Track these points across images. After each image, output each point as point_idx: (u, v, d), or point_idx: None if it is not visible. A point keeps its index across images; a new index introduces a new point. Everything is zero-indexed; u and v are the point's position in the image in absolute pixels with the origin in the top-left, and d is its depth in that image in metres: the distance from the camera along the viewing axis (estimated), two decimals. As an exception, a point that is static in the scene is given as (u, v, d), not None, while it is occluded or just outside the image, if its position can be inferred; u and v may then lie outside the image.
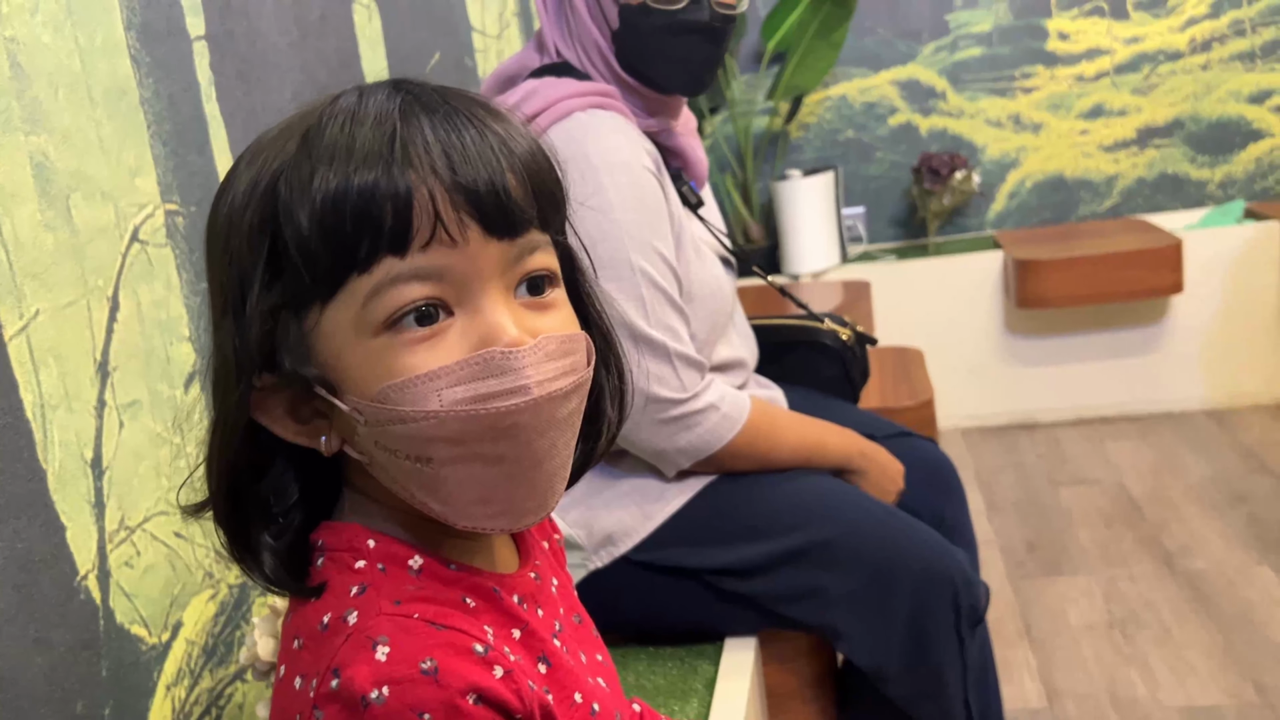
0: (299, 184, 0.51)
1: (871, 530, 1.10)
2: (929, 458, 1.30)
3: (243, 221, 0.53)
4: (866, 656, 1.09)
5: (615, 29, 1.13)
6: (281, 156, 0.53)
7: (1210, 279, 2.71)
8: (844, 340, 1.40)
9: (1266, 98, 2.84)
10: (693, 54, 1.13)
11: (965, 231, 3.04)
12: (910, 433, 1.35)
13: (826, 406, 1.32)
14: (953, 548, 1.12)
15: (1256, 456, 2.47)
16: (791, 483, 1.15)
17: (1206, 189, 2.92)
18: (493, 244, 0.53)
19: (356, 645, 0.50)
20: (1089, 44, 2.89)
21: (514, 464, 0.53)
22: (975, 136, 2.98)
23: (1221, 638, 1.80)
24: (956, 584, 1.08)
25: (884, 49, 2.97)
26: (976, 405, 2.88)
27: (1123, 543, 2.17)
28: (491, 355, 0.52)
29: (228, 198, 0.54)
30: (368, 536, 0.56)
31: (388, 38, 1.44)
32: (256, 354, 0.52)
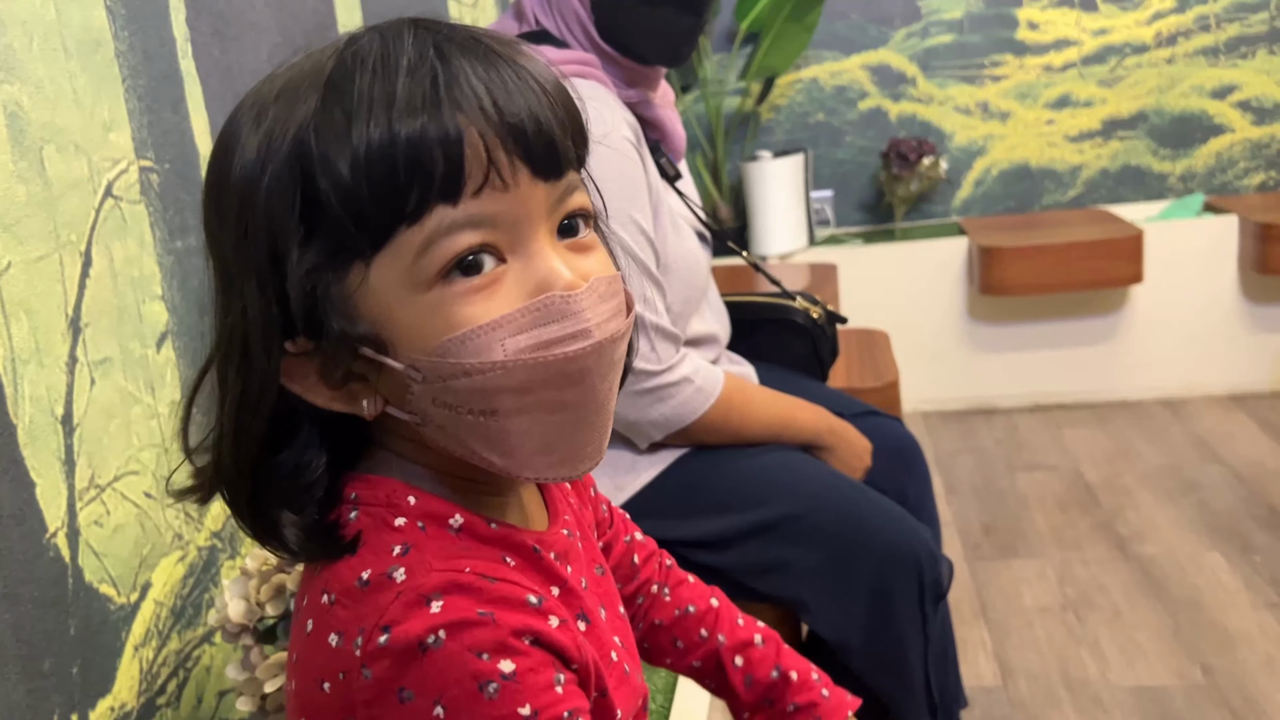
0: (334, 136, 0.48)
1: (839, 505, 1.12)
2: (895, 436, 1.32)
3: (262, 182, 0.50)
4: (831, 629, 1.11)
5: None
6: (302, 110, 0.49)
7: (1169, 271, 2.76)
8: (814, 318, 1.42)
9: (1229, 93, 2.89)
10: (672, 25, 1.13)
11: (931, 217, 3.07)
12: (877, 411, 1.37)
13: (796, 384, 1.34)
14: (917, 524, 1.13)
15: (1208, 446, 2.53)
16: (761, 457, 1.16)
17: (1168, 182, 2.97)
18: (539, 186, 0.51)
19: (409, 603, 0.49)
20: (1058, 35, 2.92)
21: (578, 410, 0.52)
22: (944, 123, 3.00)
23: (1170, 621, 1.84)
24: (921, 560, 1.09)
25: (856, 33, 2.98)
26: (937, 389, 2.91)
27: (1077, 527, 2.22)
28: (552, 300, 0.50)
29: (235, 158, 0.51)
30: (408, 493, 0.55)
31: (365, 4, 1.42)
32: (297, 317, 0.50)
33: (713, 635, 0.78)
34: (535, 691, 0.49)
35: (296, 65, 0.53)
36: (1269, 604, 1.85)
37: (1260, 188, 2.93)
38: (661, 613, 0.78)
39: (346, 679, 0.50)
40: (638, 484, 1.13)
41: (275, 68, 0.54)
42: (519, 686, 0.49)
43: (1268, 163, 2.92)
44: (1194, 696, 1.63)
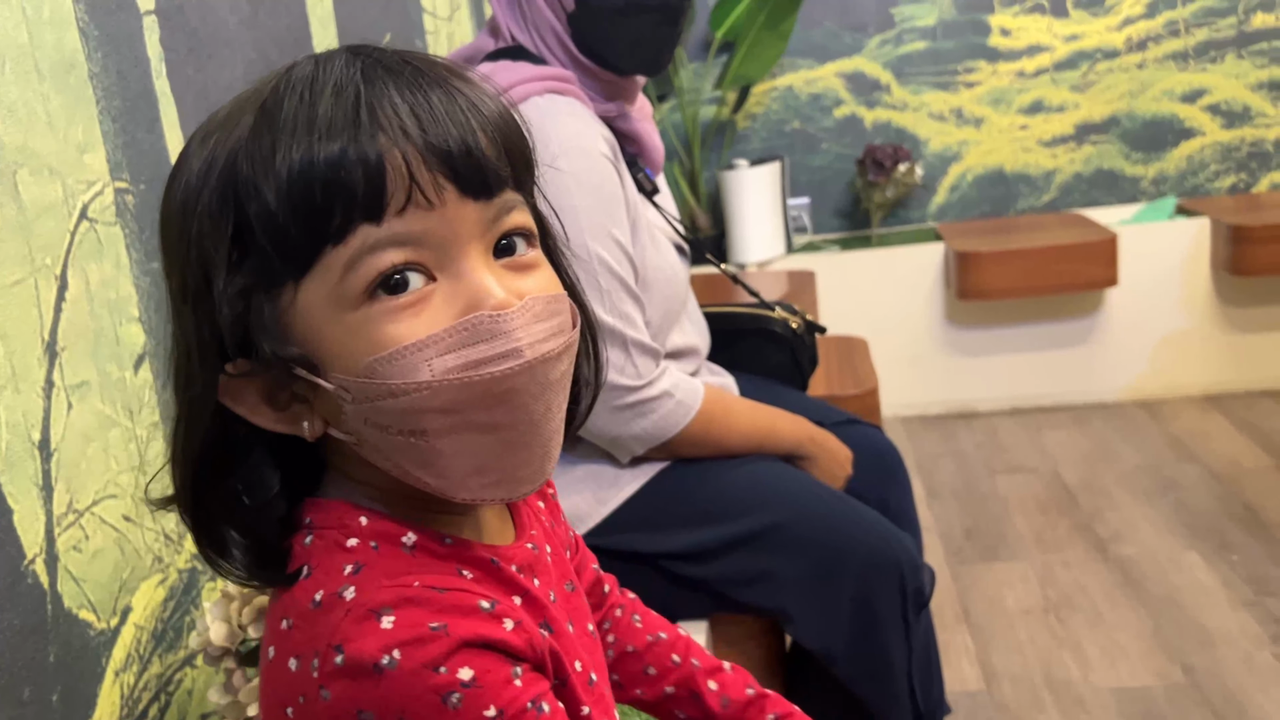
0: (261, 159, 0.49)
1: (821, 515, 1.12)
2: (875, 444, 1.33)
3: (199, 203, 0.51)
4: (815, 639, 1.11)
5: (570, 11, 1.12)
6: (237, 133, 0.51)
7: (1143, 273, 2.78)
8: (794, 329, 1.42)
9: (1199, 97, 2.92)
10: (649, 34, 1.13)
11: (907, 223, 3.09)
12: (857, 419, 1.37)
13: (776, 393, 1.34)
14: (899, 532, 1.14)
15: (1185, 446, 2.55)
16: (743, 468, 1.17)
17: (1140, 185, 3.00)
18: (469, 204, 0.51)
19: (358, 618, 0.50)
20: (1030, 40, 2.94)
21: (510, 430, 0.52)
22: (918, 130, 3.02)
23: (1151, 621, 1.86)
24: (903, 568, 1.10)
25: (830, 41, 3.00)
26: (917, 394, 2.93)
27: (1057, 529, 2.23)
28: (480, 319, 0.50)
29: (181, 180, 0.52)
30: (359, 514, 0.55)
31: (339, 16, 1.42)
32: (228, 339, 0.51)
33: (685, 660, 0.78)
34: (496, 690, 0.50)
35: (250, 88, 0.54)
36: (1246, 602, 1.86)
37: (1231, 190, 2.97)
38: (634, 639, 0.79)
39: (307, 702, 0.50)
40: (620, 497, 1.13)
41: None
42: (481, 690, 0.49)
43: (1237, 165, 2.95)
44: (1175, 696, 1.65)
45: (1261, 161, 2.94)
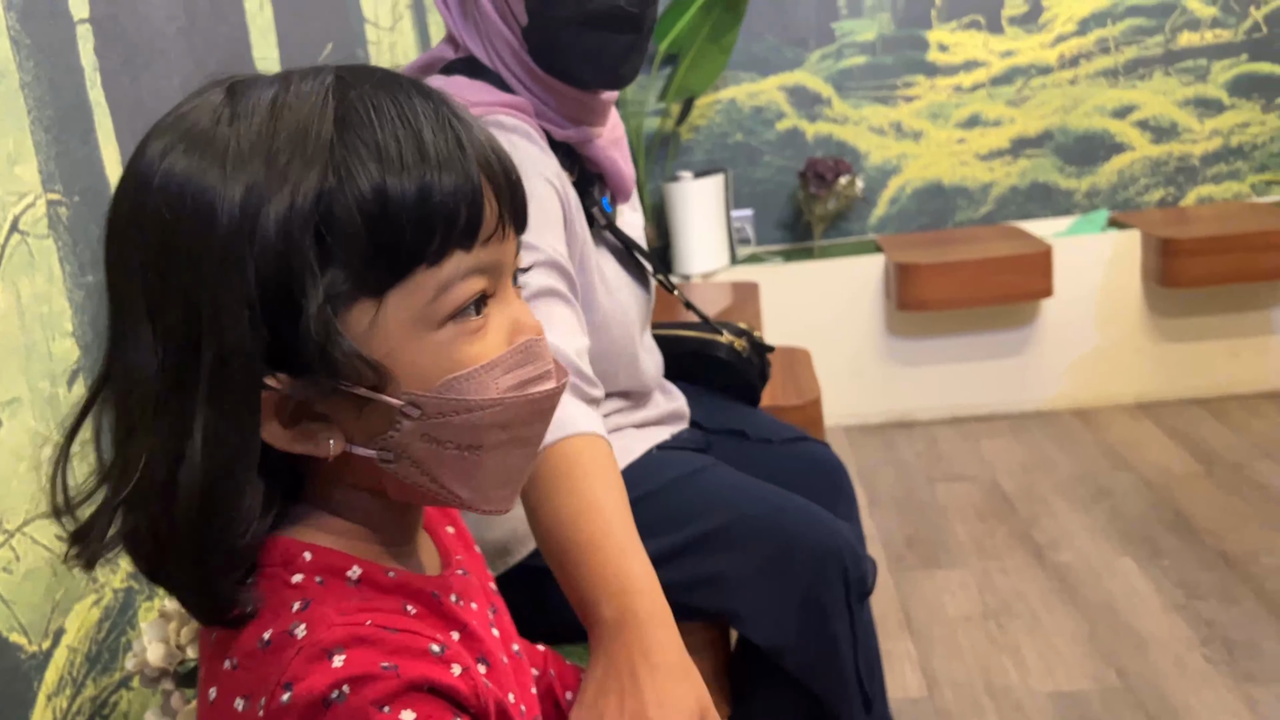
0: (366, 191, 0.50)
1: (764, 513, 1.12)
2: (822, 461, 1.33)
3: (268, 222, 0.49)
4: (765, 636, 1.11)
5: (524, 25, 1.07)
6: (312, 163, 0.50)
7: (1077, 284, 2.85)
8: (739, 351, 1.41)
9: (1129, 112, 3.00)
10: (609, 43, 1.06)
11: (848, 235, 3.13)
12: (805, 436, 1.37)
13: (727, 408, 1.34)
14: (839, 523, 1.14)
15: (1118, 454, 2.61)
16: (683, 480, 1.16)
17: (1074, 198, 3.07)
18: (513, 237, 0.57)
19: (310, 657, 0.49)
20: (967, 56, 3.00)
21: (536, 445, 0.58)
22: (859, 143, 3.06)
23: (1086, 626, 1.90)
24: (845, 558, 1.10)
25: (772, 55, 3.03)
26: (858, 404, 2.96)
27: (996, 536, 2.27)
28: (530, 344, 0.56)
29: (217, 214, 0.49)
30: (303, 549, 0.55)
31: (279, 26, 1.40)
32: (310, 352, 0.50)
33: (544, 672, 0.79)
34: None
35: (256, 112, 0.52)
36: (1177, 606, 1.91)
37: (1160, 203, 3.05)
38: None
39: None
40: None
41: (192, 114, 0.53)
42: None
43: (1165, 179, 3.03)
44: (1110, 699, 1.68)
45: (1188, 176, 3.03)
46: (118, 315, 0.52)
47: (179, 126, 0.52)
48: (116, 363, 0.52)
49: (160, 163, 0.51)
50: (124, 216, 0.52)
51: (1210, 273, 2.70)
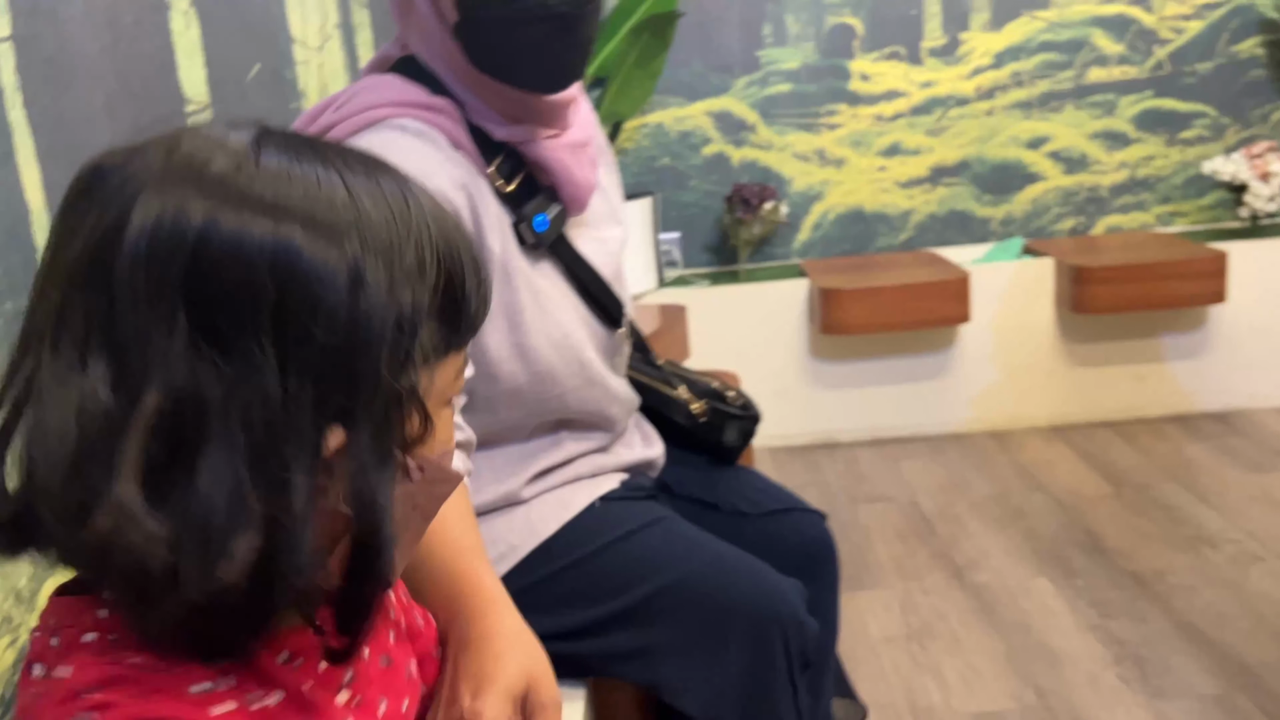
0: (466, 262, 0.56)
1: (702, 578, 1.06)
2: (804, 536, 1.25)
3: (407, 296, 0.52)
4: (702, 708, 1.05)
5: (454, 22, 1.02)
6: (446, 235, 0.55)
7: (993, 310, 2.93)
8: (695, 417, 1.30)
9: (1042, 144, 3.10)
10: (545, 45, 1.01)
11: (773, 259, 3.17)
12: (794, 507, 1.27)
13: (704, 470, 1.27)
14: (785, 584, 1.08)
15: (1032, 475, 2.69)
16: (618, 542, 1.09)
17: (990, 226, 3.16)
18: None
19: (60, 699, 0.50)
20: (888, 86, 3.08)
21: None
22: (783, 169, 3.11)
23: (1004, 645, 1.94)
24: (787, 627, 1.05)
25: (699, 81, 3.06)
26: (783, 425, 3.00)
27: (916, 557, 2.32)
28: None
29: (351, 285, 0.50)
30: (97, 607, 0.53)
31: (206, 46, 1.38)
32: (390, 412, 0.52)
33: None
34: None
35: (366, 194, 0.53)
36: (1091, 626, 1.97)
37: (1071, 232, 3.16)
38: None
39: None
40: (498, 572, 1.07)
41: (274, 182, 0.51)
42: None
43: (1076, 209, 3.14)
44: (1029, 717, 1.73)
45: (1098, 206, 3.14)
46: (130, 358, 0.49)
47: (253, 189, 0.50)
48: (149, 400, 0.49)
49: (272, 235, 0.49)
50: (176, 273, 0.48)
51: (1118, 300, 2.80)
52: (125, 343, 0.48)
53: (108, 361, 0.48)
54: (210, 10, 1.40)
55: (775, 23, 3.05)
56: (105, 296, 0.48)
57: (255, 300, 0.48)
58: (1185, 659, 1.83)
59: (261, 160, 0.51)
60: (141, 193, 0.49)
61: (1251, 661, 1.80)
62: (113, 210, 0.49)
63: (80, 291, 0.49)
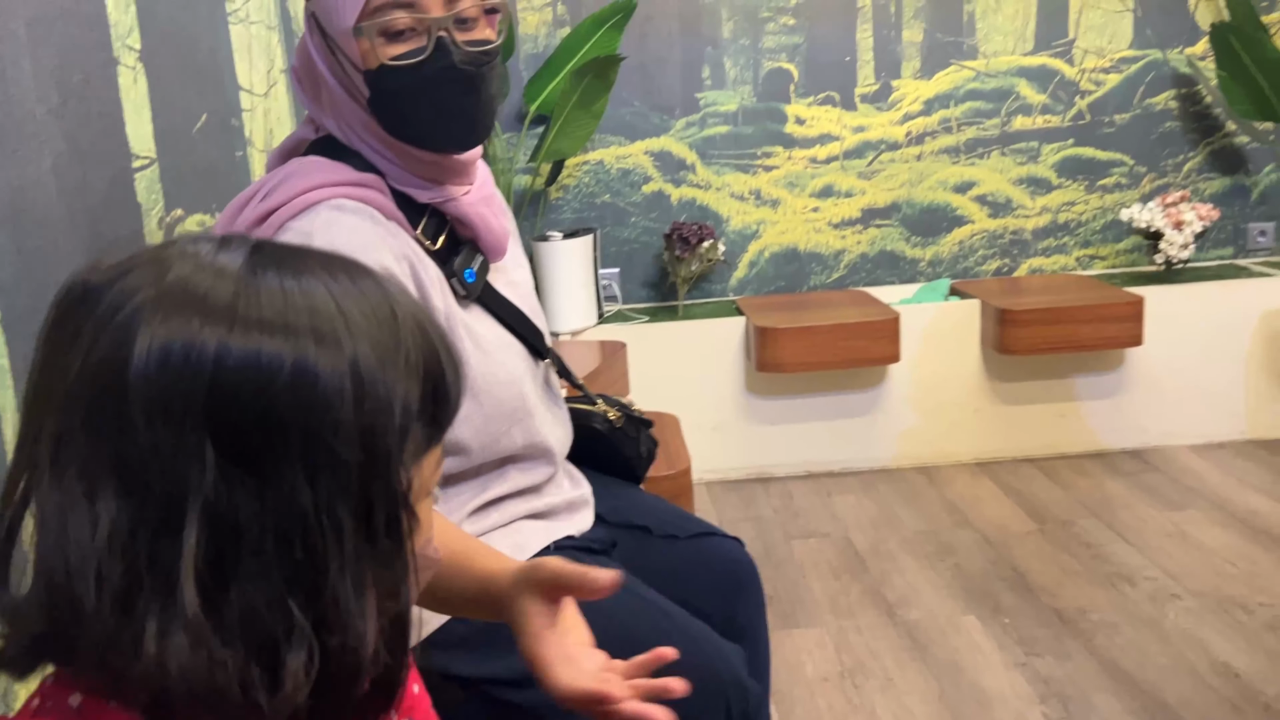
0: (448, 361, 0.58)
1: (642, 635, 1.07)
2: (729, 559, 1.31)
3: (395, 400, 0.53)
4: None
5: (369, 97, 1.08)
6: (416, 344, 0.56)
7: (921, 349, 3.01)
8: (613, 423, 1.40)
9: (969, 188, 3.21)
10: (452, 105, 1.08)
11: (710, 296, 3.23)
12: (713, 531, 1.34)
13: (632, 500, 1.32)
14: (727, 648, 1.12)
15: (960, 511, 2.77)
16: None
17: (918, 266, 3.25)
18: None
19: None
20: (822, 130, 3.16)
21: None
22: (720, 208, 3.17)
23: (936, 684, 2.00)
24: (729, 693, 1.08)
25: (639, 121, 3.11)
26: (719, 460, 3.04)
27: (850, 594, 2.37)
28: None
29: (342, 364, 0.52)
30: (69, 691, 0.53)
31: (154, 100, 1.37)
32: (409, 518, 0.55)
33: None
34: None
35: (348, 299, 0.54)
36: (1018, 663, 2.04)
37: (996, 273, 3.27)
38: None
39: None
40: (438, 619, 1.08)
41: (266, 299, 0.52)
42: None
43: (1001, 251, 3.25)
44: (958, 757, 1.78)
45: (1021, 249, 3.25)
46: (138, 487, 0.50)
47: (253, 311, 0.51)
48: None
49: (286, 354, 0.50)
50: (186, 397, 0.49)
51: (1041, 341, 2.90)
52: (145, 475, 0.48)
53: (122, 493, 0.48)
54: (158, 62, 1.40)
55: (714, 66, 3.11)
56: (113, 429, 0.48)
57: (281, 421, 0.50)
58: (1107, 697, 1.90)
59: (259, 282, 0.52)
60: (142, 322, 0.49)
61: (1171, 700, 1.88)
62: (108, 338, 0.49)
63: (82, 424, 0.49)
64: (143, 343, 0.49)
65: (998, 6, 3.11)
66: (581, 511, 1.28)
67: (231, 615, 0.49)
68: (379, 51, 1.06)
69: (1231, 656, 2.00)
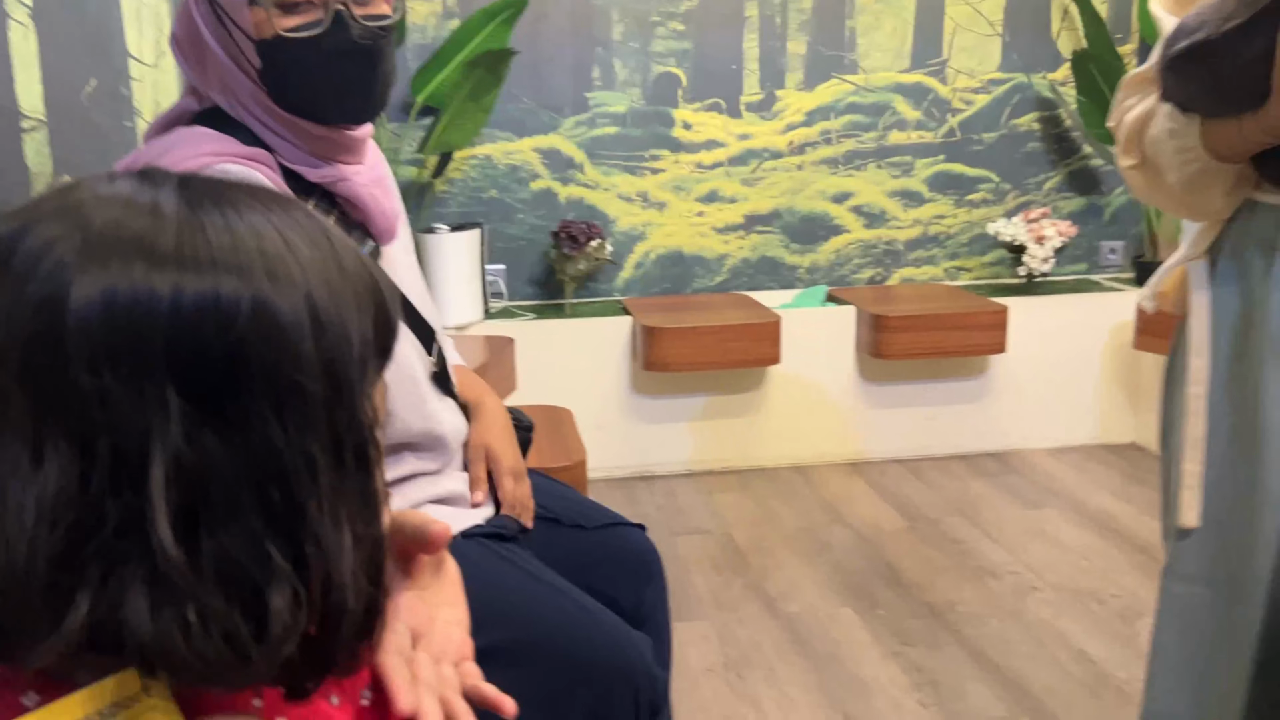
0: (384, 283, 0.56)
1: (555, 628, 1.10)
2: (635, 547, 1.33)
3: (352, 330, 0.52)
4: None
5: (259, 68, 1.06)
6: (359, 270, 0.54)
7: (801, 352, 3.10)
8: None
9: (846, 198, 3.32)
10: (345, 77, 1.07)
11: (597, 295, 3.24)
12: (619, 522, 1.36)
13: (541, 490, 1.33)
14: (636, 637, 1.13)
15: (836, 510, 2.86)
16: (476, 582, 1.11)
17: (797, 273, 3.34)
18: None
19: None
20: (708, 136, 3.22)
21: None
22: (608, 208, 3.19)
23: (815, 675, 2.06)
24: (638, 679, 1.10)
25: (529, 117, 3.11)
26: (605, 458, 3.06)
27: (732, 589, 2.42)
28: None
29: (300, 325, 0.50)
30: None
31: (43, 61, 1.30)
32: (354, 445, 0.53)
33: None
34: None
35: (299, 236, 0.53)
36: (893, 653, 2.12)
37: (870, 281, 3.39)
38: None
39: None
40: None
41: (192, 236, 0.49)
42: None
43: (875, 260, 3.38)
44: (839, 742, 1.84)
45: (894, 258, 3.38)
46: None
47: (190, 250, 0.48)
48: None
49: (242, 293, 0.48)
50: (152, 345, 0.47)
51: (912, 347, 3.03)
52: (96, 430, 0.46)
53: (70, 453, 0.45)
54: (48, 20, 1.33)
55: (604, 67, 3.13)
56: (56, 383, 0.45)
57: (245, 361, 0.48)
58: (976, 684, 2.00)
59: (201, 220, 0.50)
60: (75, 271, 0.46)
61: (1034, 686, 1.99)
62: (35, 288, 0.46)
63: (17, 380, 0.46)
64: (80, 292, 0.46)
65: (878, 24, 3.24)
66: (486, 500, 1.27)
67: (208, 566, 0.47)
68: (274, 23, 1.04)
69: (1087, 644, 2.13)
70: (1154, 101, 1.02)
